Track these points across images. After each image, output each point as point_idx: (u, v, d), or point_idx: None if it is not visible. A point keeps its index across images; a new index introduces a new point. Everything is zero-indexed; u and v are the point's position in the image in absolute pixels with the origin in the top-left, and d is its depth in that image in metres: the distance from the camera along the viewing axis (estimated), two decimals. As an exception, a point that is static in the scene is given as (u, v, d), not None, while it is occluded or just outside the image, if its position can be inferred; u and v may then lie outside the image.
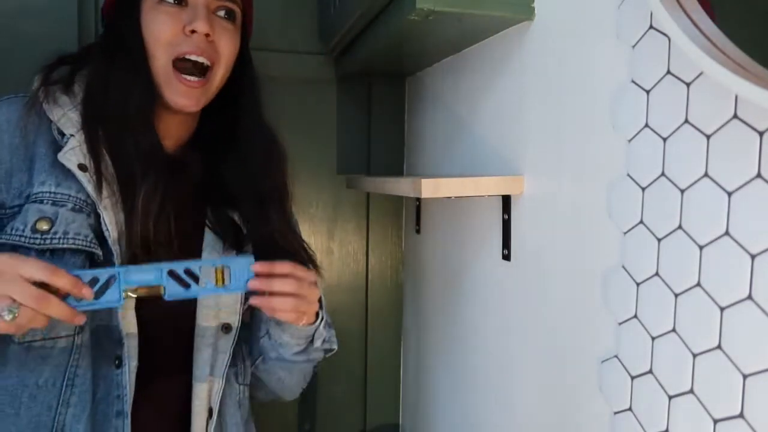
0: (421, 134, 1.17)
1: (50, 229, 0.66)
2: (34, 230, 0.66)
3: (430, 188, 0.73)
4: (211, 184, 0.82)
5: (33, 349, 0.67)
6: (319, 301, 0.79)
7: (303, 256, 0.83)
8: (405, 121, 1.25)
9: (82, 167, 0.70)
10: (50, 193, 0.68)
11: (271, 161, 0.84)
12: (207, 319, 0.77)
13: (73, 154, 0.70)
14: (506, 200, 0.81)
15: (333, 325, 0.87)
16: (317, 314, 0.79)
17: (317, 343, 0.81)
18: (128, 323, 0.71)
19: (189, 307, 0.76)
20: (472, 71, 0.92)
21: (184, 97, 0.74)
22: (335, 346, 0.86)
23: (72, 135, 0.71)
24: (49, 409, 0.66)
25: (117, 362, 0.70)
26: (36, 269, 0.58)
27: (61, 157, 0.69)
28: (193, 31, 0.73)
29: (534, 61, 0.75)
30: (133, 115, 0.73)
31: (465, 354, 0.97)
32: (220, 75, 0.77)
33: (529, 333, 0.77)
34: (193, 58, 0.73)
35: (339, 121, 1.05)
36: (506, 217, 0.81)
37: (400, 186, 0.82)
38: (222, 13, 0.76)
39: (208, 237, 0.80)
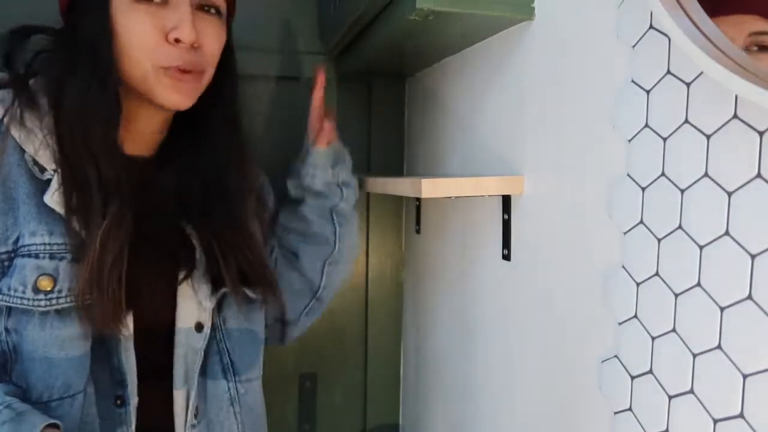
0: (421, 134, 1.17)
1: (54, 288, 0.63)
2: (36, 290, 0.62)
3: (430, 188, 0.73)
4: (175, 192, 0.76)
5: (50, 410, 0.64)
6: None
7: (261, 274, 0.78)
8: (405, 121, 1.25)
9: (70, 208, 0.64)
10: (45, 244, 0.63)
11: (232, 163, 0.79)
12: (184, 323, 0.74)
13: (60, 194, 0.63)
14: (506, 200, 0.81)
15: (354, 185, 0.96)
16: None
17: (341, 175, 0.92)
18: (129, 365, 0.69)
19: (171, 314, 0.73)
20: (472, 71, 0.92)
21: (178, 93, 0.68)
22: (356, 195, 0.95)
23: (55, 171, 0.64)
24: None
25: (118, 402, 0.69)
26: None
27: (49, 200, 0.63)
28: (177, 40, 0.65)
29: (534, 61, 0.75)
30: (97, 139, 0.65)
31: (465, 354, 0.97)
32: (209, 75, 0.72)
33: (529, 333, 0.77)
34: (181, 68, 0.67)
35: (339, 121, 1.05)
36: (506, 217, 0.81)
37: (400, 186, 0.82)
38: (206, 8, 0.69)
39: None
